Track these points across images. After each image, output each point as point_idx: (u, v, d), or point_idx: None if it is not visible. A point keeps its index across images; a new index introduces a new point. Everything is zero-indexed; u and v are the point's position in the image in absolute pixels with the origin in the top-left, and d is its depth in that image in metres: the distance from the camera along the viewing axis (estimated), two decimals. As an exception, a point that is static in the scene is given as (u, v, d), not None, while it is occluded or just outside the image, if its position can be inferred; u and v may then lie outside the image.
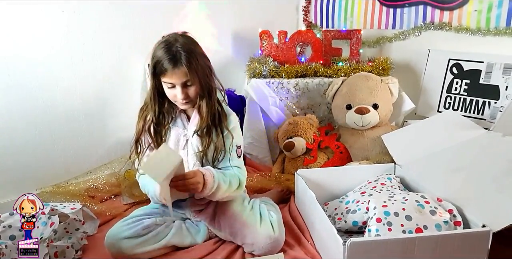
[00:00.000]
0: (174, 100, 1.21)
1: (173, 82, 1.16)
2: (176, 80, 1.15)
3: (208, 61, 1.22)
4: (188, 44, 1.17)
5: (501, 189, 1.17)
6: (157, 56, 1.16)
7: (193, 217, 1.35)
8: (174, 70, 1.13)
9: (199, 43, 1.23)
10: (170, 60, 1.13)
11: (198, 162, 1.26)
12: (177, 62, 1.13)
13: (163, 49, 1.15)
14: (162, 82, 1.18)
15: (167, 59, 1.13)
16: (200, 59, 1.17)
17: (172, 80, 1.15)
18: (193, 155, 1.26)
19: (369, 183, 1.43)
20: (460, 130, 1.52)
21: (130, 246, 1.19)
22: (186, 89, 1.18)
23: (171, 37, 1.18)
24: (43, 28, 1.57)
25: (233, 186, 1.22)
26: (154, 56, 1.17)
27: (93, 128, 1.77)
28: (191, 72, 1.14)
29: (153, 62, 1.17)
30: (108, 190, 1.68)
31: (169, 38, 1.19)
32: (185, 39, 1.19)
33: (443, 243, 1.02)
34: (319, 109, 1.94)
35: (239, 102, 1.98)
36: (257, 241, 1.22)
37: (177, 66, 1.13)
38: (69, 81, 1.67)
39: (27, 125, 1.60)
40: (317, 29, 2.36)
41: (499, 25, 1.69)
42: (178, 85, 1.16)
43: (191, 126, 1.27)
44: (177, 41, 1.16)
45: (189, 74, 1.14)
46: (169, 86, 1.18)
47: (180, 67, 1.13)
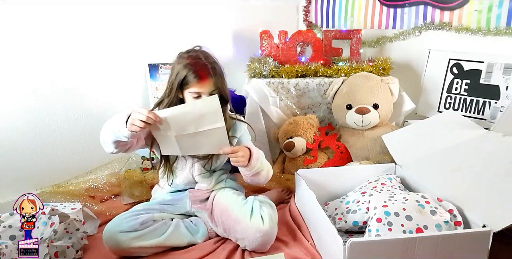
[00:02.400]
0: None
1: (201, 91, 1.25)
2: (204, 90, 1.25)
3: (223, 70, 1.32)
4: (210, 57, 1.29)
5: (501, 189, 1.17)
6: (183, 69, 1.24)
7: (193, 208, 1.38)
8: (203, 81, 1.24)
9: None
10: (199, 72, 1.23)
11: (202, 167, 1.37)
12: (205, 73, 1.24)
13: (189, 63, 1.24)
14: (187, 92, 1.27)
15: (195, 72, 1.23)
16: (220, 69, 1.29)
17: (201, 89, 1.25)
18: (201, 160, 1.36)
19: (370, 183, 1.43)
20: (460, 130, 1.52)
21: (126, 240, 1.21)
22: None
23: (192, 52, 1.29)
24: (43, 28, 1.57)
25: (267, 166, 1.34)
26: (179, 70, 1.25)
27: (93, 128, 1.76)
28: (217, 82, 1.26)
29: (178, 76, 1.25)
30: (108, 190, 1.68)
31: (191, 53, 1.29)
32: (205, 53, 1.30)
33: (443, 243, 1.02)
34: (319, 109, 1.94)
35: (239, 102, 1.97)
36: (247, 235, 1.24)
37: (207, 77, 1.24)
38: (69, 81, 1.67)
39: (27, 125, 1.60)
40: (318, 29, 2.36)
41: (499, 25, 1.69)
42: (205, 94, 1.25)
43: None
44: (200, 55, 1.27)
45: (216, 83, 1.26)
46: (194, 96, 1.26)
47: (209, 77, 1.24)
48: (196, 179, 1.39)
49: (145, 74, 1.87)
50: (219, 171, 1.43)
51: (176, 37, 1.93)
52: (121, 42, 1.78)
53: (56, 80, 1.64)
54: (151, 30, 1.86)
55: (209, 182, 1.40)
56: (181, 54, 1.30)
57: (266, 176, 1.34)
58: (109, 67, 1.77)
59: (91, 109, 1.75)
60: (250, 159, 1.25)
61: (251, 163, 1.25)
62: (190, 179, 1.39)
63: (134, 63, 1.84)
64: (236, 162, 1.25)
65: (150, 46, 1.87)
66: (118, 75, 1.81)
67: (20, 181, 1.60)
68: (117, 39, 1.77)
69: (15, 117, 1.57)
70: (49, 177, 1.66)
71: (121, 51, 1.79)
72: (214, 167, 1.39)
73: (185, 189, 1.42)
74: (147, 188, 1.63)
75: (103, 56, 1.75)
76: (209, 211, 1.35)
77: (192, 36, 1.99)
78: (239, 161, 1.24)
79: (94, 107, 1.76)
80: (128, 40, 1.80)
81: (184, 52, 1.31)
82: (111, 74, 1.79)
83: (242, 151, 1.24)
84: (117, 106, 1.82)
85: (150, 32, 1.86)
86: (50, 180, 1.66)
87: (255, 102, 1.87)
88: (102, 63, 1.75)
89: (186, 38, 1.96)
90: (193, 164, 1.37)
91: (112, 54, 1.77)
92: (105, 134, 1.23)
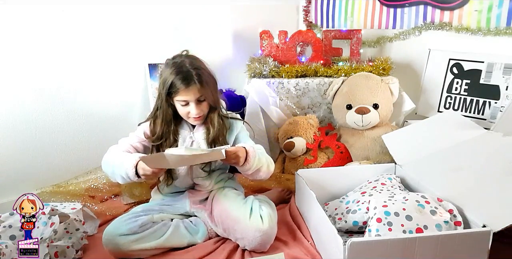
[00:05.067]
0: (187, 117, 1.31)
1: (188, 99, 1.25)
2: (190, 97, 1.25)
3: (212, 74, 1.31)
4: (195, 63, 1.27)
5: (501, 189, 1.17)
6: (169, 77, 1.24)
7: (193, 208, 1.38)
8: (188, 88, 1.23)
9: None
10: (183, 79, 1.22)
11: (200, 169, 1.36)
12: (190, 81, 1.22)
13: (174, 71, 1.24)
14: (175, 100, 1.27)
15: (180, 79, 1.22)
16: (207, 75, 1.28)
17: (187, 97, 1.25)
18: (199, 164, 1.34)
19: (370, 183, 1.43)
20: (460, 130, 1.52)
21: (126, 243, 1.21)
22: (200, 105, 1.28)
23: (177, 59, 1.28)
24: (43, 28, 1.57)
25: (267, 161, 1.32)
26: (166, 78, 1.25)
27: (93, 128, 1.77)
28: (203, 88, 1.24)
29: (165, 84, 1.25)
30: (108, 190, 1.68)
31: (176, 60, 1.28)
32: (191, 58, 1.29)
33: (443, 243, 1.02)
34: (319, 109, 1.94)
35: (239, 102, 1.98)
36: (246, 235, 1.23)
37: (191, 84, 1.23)
38: (69, 81, 1.67)
39: (27, 125, 1.60)
40: (318, 29, 2.36)
41: (499, 25, 1.69)
42: (192, 102, 1.26)
43: (197, 130, 1.36)
44: (185, 61, 1.26)
45: (201, 90, 1.24)
46: (182, 104, 1.27)
47: (193, 84, 1.23)
48: (195, 181, 1.39)
49: (145, 74, 1.87)
50: (217, 171, 1.43)
51: (176, 37, 1.93)
52: (121, 42, 1.78)
53: (56, 80, 1.64)
54: (151, 30, 1.86)
55: (209, 183, 1.40)
56: (168, 61, 1.30)
57: (267, 172, 1.31)
58: (109, 67, 1.77)
59: (91, 109, 1.75)
60: (246, 158, 1.23)
61: (248, 163, 1.23)
62: (189, 181, 1.39)
63: (134, 63, 1.84)
64: (233, 164, 1.24)
65: (150, 46, 1.87)
66: (118, 75, 1.81)
67: (20, 181, 1.60)
68: (117, 39, 1.77)
69: (15, 117, 1.57)
70: (49, 177, 1.66)
71: (121, 51, 1.79)
72: (213, 168, 1.39)
73: (185, 189, 1.42)
74: (147, 188, 1.63)
75: (103, 56, 1.74)
76: (209, 211, 1.35)
77: (192, 36, 1.99)
78: (235, 163, 1.23)
79: (94, 107, 1.76)
80: (128, 40, 1.80)
81: (170, 59, 1.30)
82: (111, 74, 1.78)
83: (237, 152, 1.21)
84: (117, 106, 1.82)
85: (150, 32, 1.86)
86: (50, 180, 1.66)
87: (255, 102, 1.87)
88: (102, 63, 1.75)
89: (186, 38, 1.97)
90: (192, 167, 1.37)
91: (112, 54, 1.77)
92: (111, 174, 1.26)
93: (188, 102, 1.26)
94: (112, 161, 1.24)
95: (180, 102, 1.26)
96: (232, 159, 1.20)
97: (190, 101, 1.25)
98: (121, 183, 1.26)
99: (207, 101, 1.29)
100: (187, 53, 1.32)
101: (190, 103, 1.26)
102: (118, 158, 1.23)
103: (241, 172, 1.31)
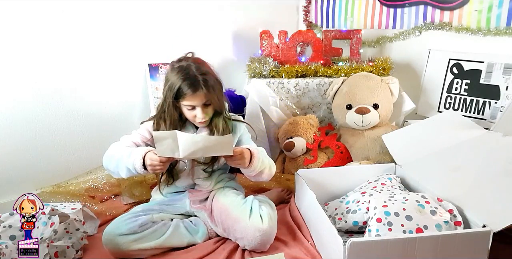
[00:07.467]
0: (193, 120, 1.32)
1: (194, 104, 1.26)
2: (197, 102, 1.26)
3: (218, 78, 1.32)
4: (202, 68, 1.27)
5: (501, 189, 1.17)
6: (176, 82, 1.24)
7: (193, 208, 1.38)
8: (195, 94, 1.24)
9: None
10: (190, 85, 1.23)
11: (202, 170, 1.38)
12: (197, 87, 1.23)
13: (180, 76, 1.24)
14: (181, 104, 1.28)
15: (187, 85, 1.23)
16: (214, 80, 1.28)
17: (193, 102, 1.26)
18: (201, 165, 1.36)
19: (370, 183, 1.43)
20: (460, 130, 1.52)
21: (126, 242, 1.21)
22: (205, 109, 1.29)
23: (183, 62, 1.28)
24: (43, 28, 1.57)
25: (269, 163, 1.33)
26: (173, 83, 1.25)
27: (93, 128, 1.77)
28: (209, 93, 1.25)
29: (172, 89, 1.25)
30: (108, 190, 1.68)
31: (182, 64, 1.28)
32: (197, 63, 1.29)
33: (443, 243, 1.02)
34: (319, 109, 1.94)
35: (239, 102, 1.97)
36: (246, 234, 1.24)
37: (197, 90, 1.23)
38: (69, 81, 1.67)
39: (27, 125, 1.60)
40: (318, 29, 2.36)
41: (499, 25, 1.69)
42: (199, 106, 1.27)
43: (200, 132, 1.36)
44: (191, 66, 1.26)
45: (208, 95, 1.25)
46: (189, 108, 1.28)
47: (200, 90, 1.23)
48: (195, 182, 1.39)
49: (145, 74, 1.87)
50: (218, 171, 1.43)
51: (176, 37, 1.93)
52: (121, 42, 1.78)
53: (56, 80, 1.64)
54: (151, 30, 1.86)
55: (209, 183, 1.40)
56: (173, 63, 1.30)
57: (269, 173, 1.33)
58: (109, 67, 1.77)
59: (91, 109, 1.75)
60: (251, 160, 1.24)
61: (253, 164, 1.24)
62: (190, 182, 1.39)
63: (134, 63, 1.84)
64: (238, 165, 1.25)
65: (150, 46, 1.87)
66: (118, 75, 1.81)
67: (20, 181, 1.60)
68: (117, 39, 1.77)
69: (15, 117, 1.56)
70: (49, 177, 1.66)
71: (121, 51, 1.79)
72: (215, 168, 1.39)
73: (185, 189, 1.42)
74: (147, 188, 1.63)
75: (103, 56, 1.74)
76: (209, 211, 1.35)
77: (192, 36, 1.99)
78: (240, 164, 1.24)
79: (94, 107, 1.76)
80: (128, 40, 1.80)
81: (176, 62, 1.30)
82: (111, 74, 1.78)
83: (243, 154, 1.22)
84: (117, 106, 1.82)
85: (150, 32, 1.86)
86: (50, 180, 1.66)
87: (255, 102, 1.87)
88: (102, 63, 1.75)
89: (186, 38, 1.97)
90: (193, 168, 1.37)
91: (112, 54, 1.77)
92: (114, 168, 1.26)
93: (195, 106, 1.27)
94: (117, 154, 1.25)
95: (187, 107, 1.28)
96: (237, 160, 1.21)
97: (197, 106, 1.27)
98: (124, 177, 1.26)
99: (213, 106, 1.30)
100: (192, 56, 1.32)
101: (196, 107, 1.27)
102: (124, 151, 1.24)
103: (244, 174, 1.32)
